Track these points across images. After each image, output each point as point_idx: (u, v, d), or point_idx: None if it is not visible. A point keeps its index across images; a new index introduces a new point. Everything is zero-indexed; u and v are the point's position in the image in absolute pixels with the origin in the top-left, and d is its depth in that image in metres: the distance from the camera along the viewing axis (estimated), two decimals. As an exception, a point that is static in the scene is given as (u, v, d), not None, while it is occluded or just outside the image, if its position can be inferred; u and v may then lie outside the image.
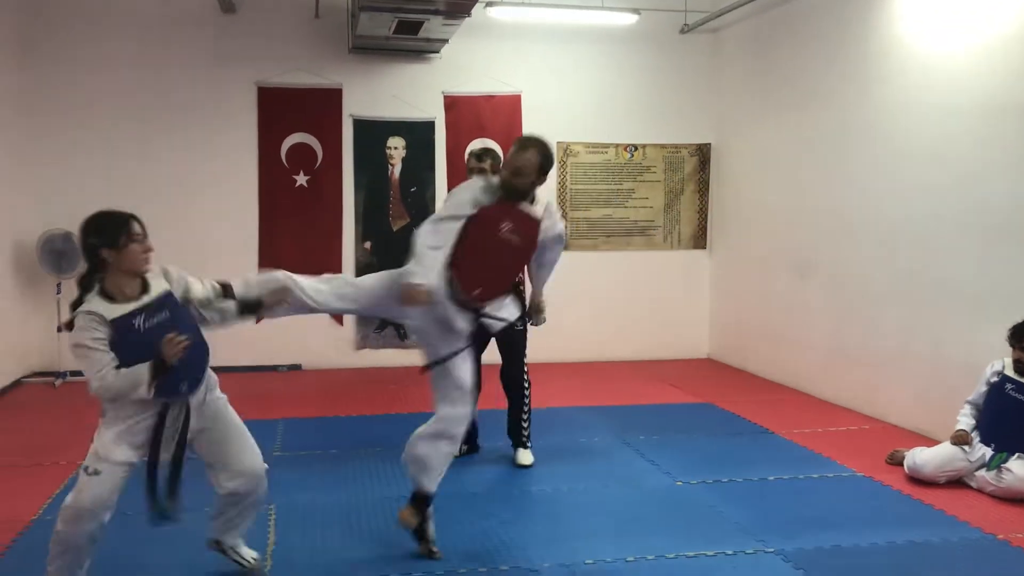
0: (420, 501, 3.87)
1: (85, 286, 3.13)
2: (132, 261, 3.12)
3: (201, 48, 7.89)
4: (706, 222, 9.00)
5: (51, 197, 7.59)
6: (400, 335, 8.41)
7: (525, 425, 5.29)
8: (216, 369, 3.44)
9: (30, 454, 5.37)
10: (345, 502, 4.59)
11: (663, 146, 8.85)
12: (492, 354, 5.20)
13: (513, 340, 5.17)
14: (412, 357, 8.29)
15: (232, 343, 7.88)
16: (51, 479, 4.83)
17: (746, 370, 8.30)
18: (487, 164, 5.14)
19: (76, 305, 3.10)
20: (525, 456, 5.26)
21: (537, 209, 3.99)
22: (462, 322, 3.82)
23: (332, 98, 8.16)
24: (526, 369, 5.28)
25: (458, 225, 3.77)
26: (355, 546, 4.03)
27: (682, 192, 8.93)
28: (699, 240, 9.00)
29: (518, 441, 5.31)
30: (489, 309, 3.94)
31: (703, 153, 8.92)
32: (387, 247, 8.33)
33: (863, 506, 4.60)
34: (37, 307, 7.59)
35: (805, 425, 6.23)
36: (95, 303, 3.07)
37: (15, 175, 7.40)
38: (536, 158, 3.90)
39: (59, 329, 7.48)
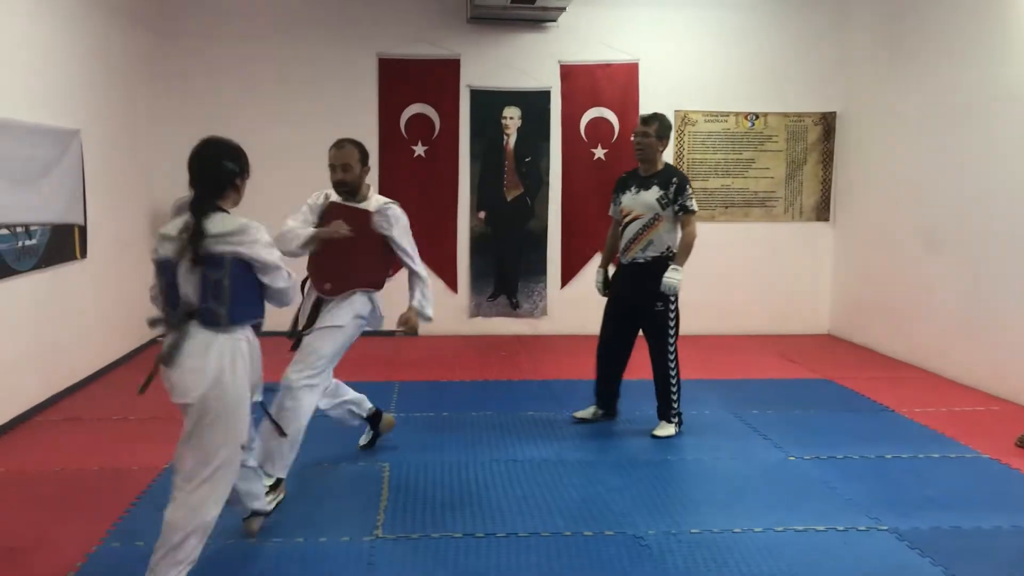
0: None
1: (203, 209, 3.10)
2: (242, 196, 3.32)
3: (325, 20, 8.11)
4: (829, 193, 8.70)
5: (181, 165, 7.91)
6: (512, 304, 8.51)
7: (675, 397, 5.22)
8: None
9: (163, 408, 5.67)
10: (455, 462, 4.70)
11: (786, 114, 8.58)
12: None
13: (655, 321, 5.14)
14: (522, 326, 8.46)
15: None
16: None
17: (868, 347, 8.02)
18: (652, 128, 5.14)
19: (197, 228, 3.03)
20: (663, 428, 5.23)
21: (370, 204, 4.47)
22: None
23: (450, 68, 8.25)
24: (671, 348, 5.15)
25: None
26: (463, 504, 4.12)
27: (805, 162, 8.65)
28: (822, 212, 8.72)
29: (663, 414, 5.27)
30: (331, 305, 4.33)
31: (828, 122, 8.61)
32: (501, 217, 8.41)
33: (987, 488, 4.40)
34: (172, 270, 8.01)
35: (928, 404, 5.99)
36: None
37: (150, 140, 7.81)
38: (356, 152, 4.54)
39: (192, 291, 7.89)
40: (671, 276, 4.95)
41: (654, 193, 5.04)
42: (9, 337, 5.23)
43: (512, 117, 8.38)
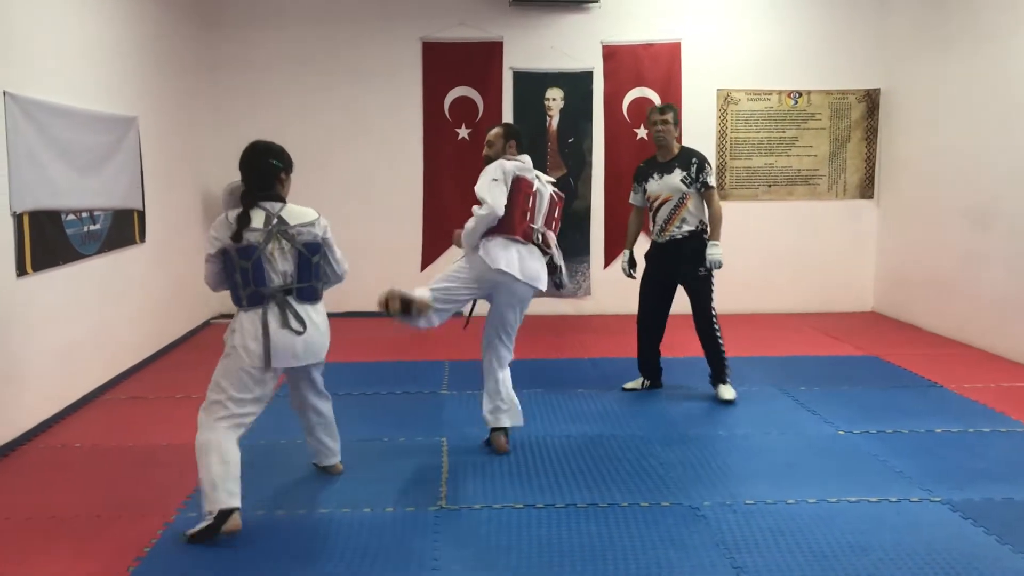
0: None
1: (252, 200, 3.63)
2: None
3: (369, 6, 8.22)
4: (874, 170, 8.67)
5: (233, 150, 8.08)
6: (557, 285, 8.58)
7: (725, 360, 5.54)
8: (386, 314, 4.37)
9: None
10: (510, 437, 4.81)
11: (829, 92, 8.56)
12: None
13: (700, 287, 5.47)
14: (566, 306, 8.54)
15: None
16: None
17: (913, 324, 8.02)
18: (669, 116, 5.53)
19: (245, 216, 3.59)
20: (726, 391, 5.51)
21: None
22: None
23: (493, 51, 8.33)
24: (714, 313, 5.50)
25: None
26: (521, 477, 4.24)
27: (848, 140, 8.63)
28: (866, 189, 8.70)
29: (719, 377, 5.56)
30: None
31: (872, 99, 8.57)
32: (545, 197, 8.48)
33: (1039, 461, 4.45)
34: (224, 254, 8.21)
35: (977, 380, 6.01)
36: None
37: (201, 127, 8.00)
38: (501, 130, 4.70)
39: (244, 274, 8.08)
40: (713, 251, 5.37)
41: (677, 175, 5.44)
42: (77, 319, 5.43)
43: (555, 98, 8.44)
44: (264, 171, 3.69)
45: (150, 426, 5.07)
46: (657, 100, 8.40)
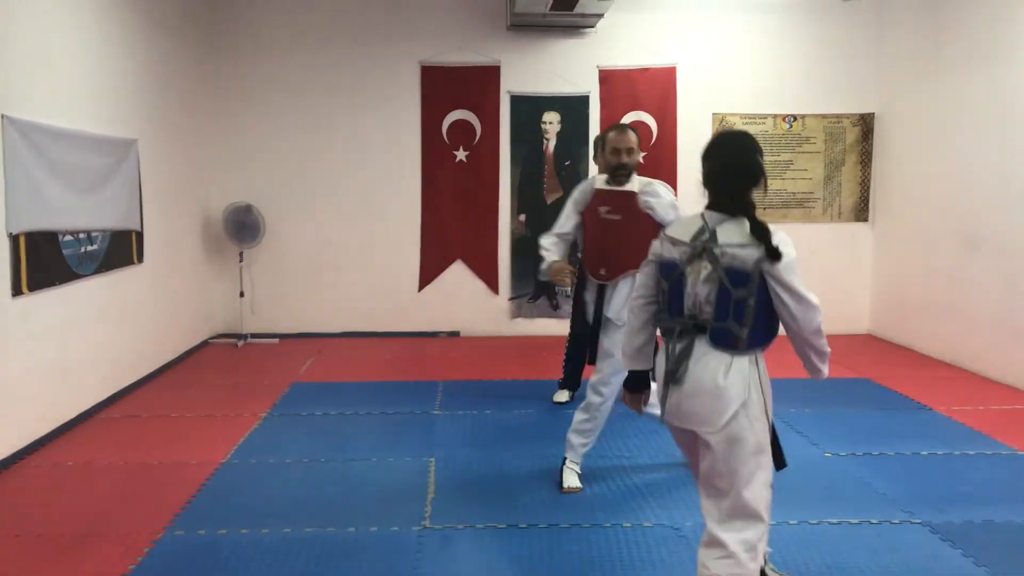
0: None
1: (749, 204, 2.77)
2: None
3: (369, 31, 8.33)
4: (868, 193, 8.73)
5: (232, 173, 8.28)
6: (552, 305, 8.65)
7: None
8: (383, 334, 3.80)
9: (218, 407, 5.94)
10: (498, 458, 4.86)
11: (824, 116, 8.63)
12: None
13: None
14: (563, 327, 8.56)
15: (397, 311, 8.43)
16: (237, 428, 5.37)
17: (908, 346, 8.05)
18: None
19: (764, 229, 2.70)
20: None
21: (633, 185, 4.38)
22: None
23: (491, 75, 8.43)
24: None
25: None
26: (507, 498, 4.28)
27: (843, 163, 8.69)
28: (860, 212, 8.75)
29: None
30: (610, 290, 4.43)
31: (866, 123, 8.64)
32: (541, 220, 8.53)
33: (1021, 484, 4.47)
34: (222, 274, 8.31)
35: (967, 403, 6.03)
36: None
37: (201, 149, 8.10)
38: (636, 137, 4.41)
39: (241, 294, 8.17)
40: None
41: None
42: (74, 338, 5.49)
43: (552, 122, 8.53)
44: (745, 172, 2.77)
45: (144, 445, 5.12)
46: (653, 124, 8.49)
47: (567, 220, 4.57)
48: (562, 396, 6.12)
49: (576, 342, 6.09)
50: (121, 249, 6.21)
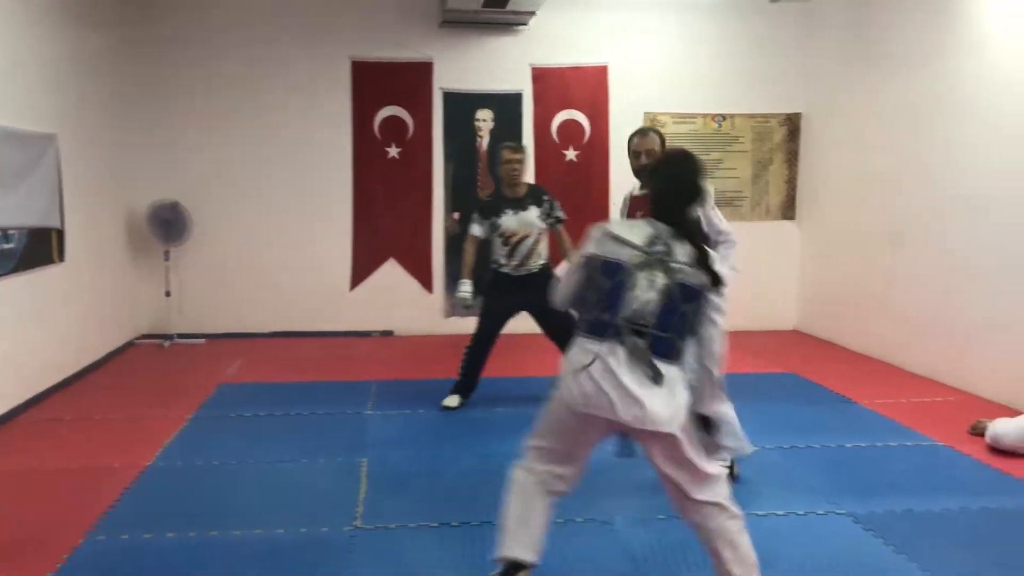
0: None
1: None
2: None
3: (298, 24, 8.21)
4: (795, 192, 8.93)
5: (158, 169, 8.08)
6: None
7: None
8: (314, 334, 3.72)
9: (143, 408, 5.79)
10: (431, 457, 4.84)
11: (752, 116, 8.80)
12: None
13: (551, 311, 5.35)
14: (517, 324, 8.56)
15: (329, 310, 8.33)
16: (162, 430, 5.25)
17: (833, 342, 8.25)
18: (523, 156, 5.83)
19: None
20: None
21: None
22: None
23: (423, 72, 8.38)
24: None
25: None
26: (440, 496, 4.27)
27: (771, 162, 8.87)
28: (787, 211, 8.94)
29: None
30: None
31: (793, 123, 8.83)
32: (475, 217, 8.54)
33: (940, 474, 4.62)
34: (147, 273, 8.10)
35: (889, 396, 6.20)
36: None
37: (125, 144, 7.88)
38: (659, 139, 4.52)
39: (167, 294, 7.99)
40: None
41: (533, 213, 5.71)
42: (-10, 339, 5.31)
43: (485, 119, 8.52)
44: (691, 194, 3.02)
45: (66, 449, 4.97)
46: (586, 123, 8.55)
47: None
48: (453, 401, 5.86)
49: (484, 344, 5.88)
50: (40, 247, 6.01)
